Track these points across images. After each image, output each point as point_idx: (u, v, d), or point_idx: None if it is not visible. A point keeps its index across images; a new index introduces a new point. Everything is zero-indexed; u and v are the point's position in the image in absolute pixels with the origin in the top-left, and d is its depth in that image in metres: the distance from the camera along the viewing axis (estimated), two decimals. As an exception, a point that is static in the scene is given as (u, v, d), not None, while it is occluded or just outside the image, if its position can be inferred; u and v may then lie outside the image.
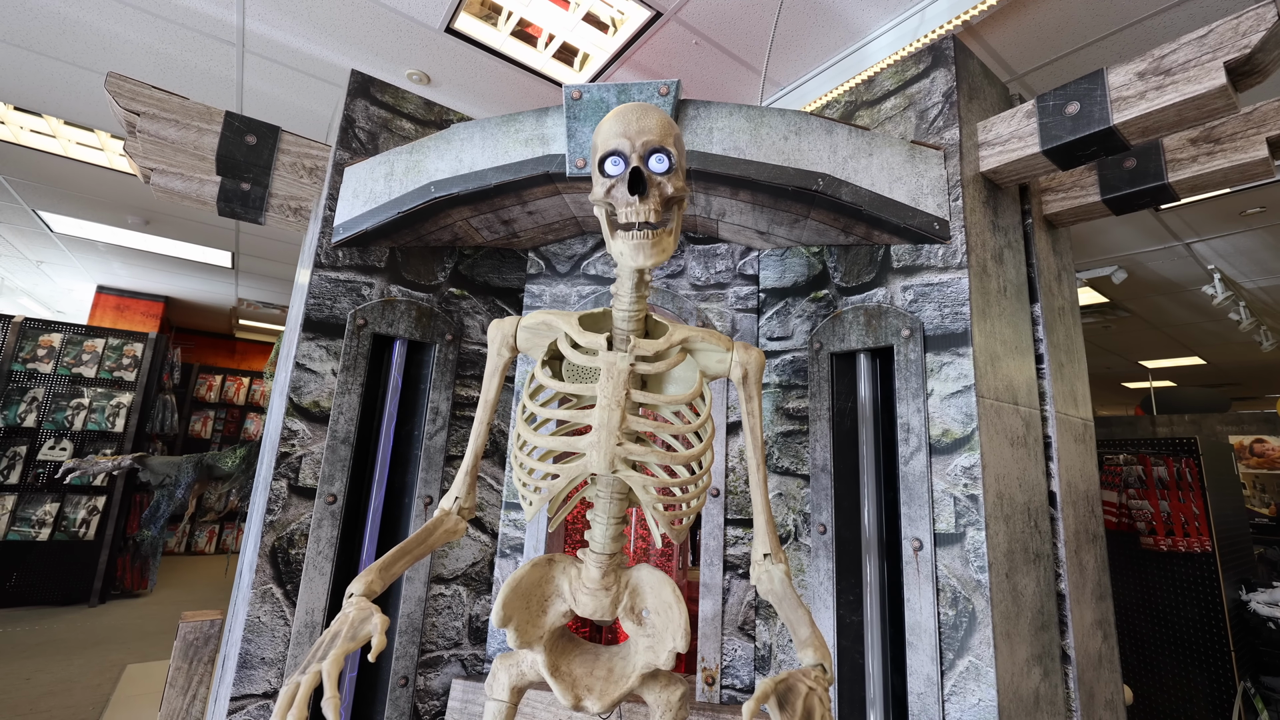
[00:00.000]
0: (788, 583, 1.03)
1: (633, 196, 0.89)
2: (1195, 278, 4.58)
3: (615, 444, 0.99)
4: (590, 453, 1.00)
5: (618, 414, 1.00)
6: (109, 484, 5.26)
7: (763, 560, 1.07)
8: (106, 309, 6.68)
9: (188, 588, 5.82)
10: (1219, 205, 3.48)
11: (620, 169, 0.91)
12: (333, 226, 1.51)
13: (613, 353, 1.02)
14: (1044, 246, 1.56)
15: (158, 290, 6.77)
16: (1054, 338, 1.50)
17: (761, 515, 1.09)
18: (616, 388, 1.00)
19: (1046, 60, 2.43)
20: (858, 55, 2.36)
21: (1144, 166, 1.42)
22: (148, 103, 1.49)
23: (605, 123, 0.94)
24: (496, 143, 1.42)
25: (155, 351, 5.71)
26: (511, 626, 1.07)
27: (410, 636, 1.47)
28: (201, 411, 7.60)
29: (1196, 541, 3.09)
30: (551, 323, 1.09)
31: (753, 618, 1.47)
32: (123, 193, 4.16)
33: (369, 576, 0.97)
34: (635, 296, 1.01)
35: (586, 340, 1.04)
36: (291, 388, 1.43)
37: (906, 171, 1.33)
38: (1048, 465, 1.41)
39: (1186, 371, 7.89)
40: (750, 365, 1.10)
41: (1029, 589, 1.27)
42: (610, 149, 0.92)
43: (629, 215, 0.90)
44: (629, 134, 0.91)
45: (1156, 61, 1.12)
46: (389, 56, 2.53)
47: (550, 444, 1.03)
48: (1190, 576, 3.11)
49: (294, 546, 1.39)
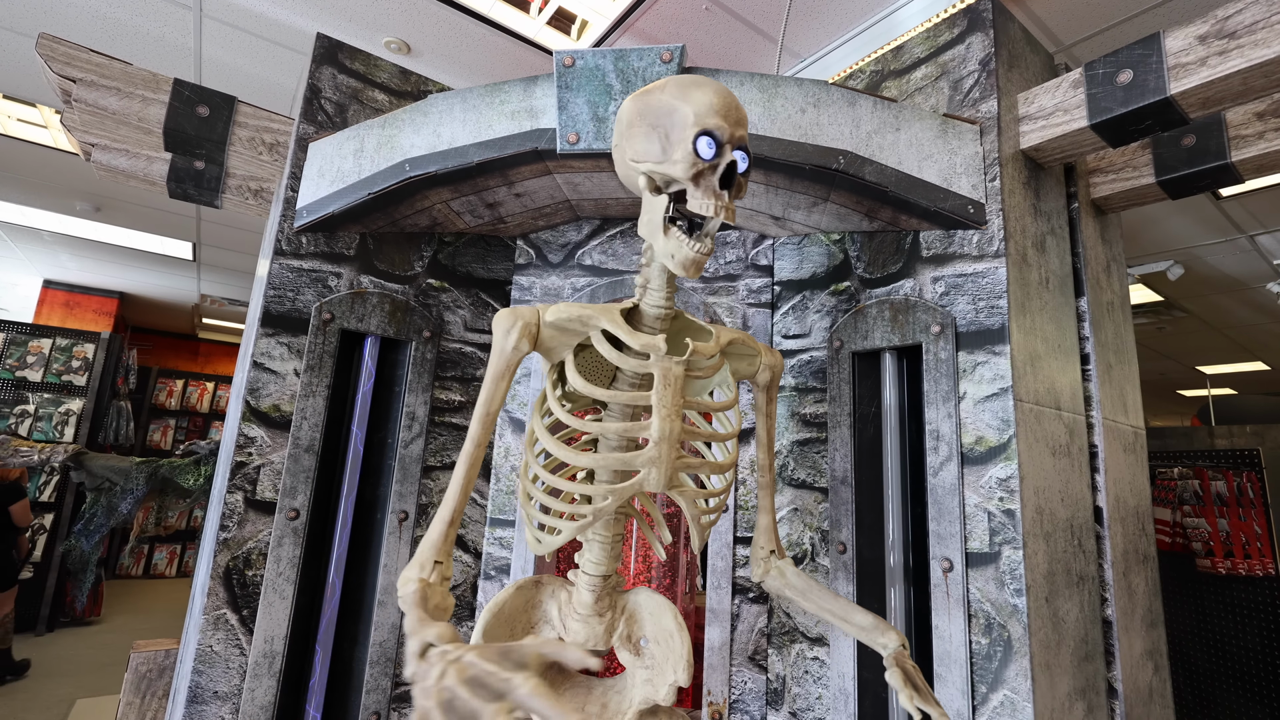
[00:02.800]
0: (804, 573, 1.09)
1: (723, 190, 0.90)
2: (1259, 274, 4.55)
3: (676, 457, 0.98)
4: (649, 469, 0.96)
5: (677, 424, 0.97)
6: (57, 499, 5.25)
7: (769, 557, 1.13)
8: (54, 306, 6.68)
9: (144, 614, 5.80)
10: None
11: (712, 154, 0.89)
12: (295, 209, 1.50)
13: (668, 356, 0.99)
14: (1091, 234, 1.54)
15: (111, 285, 6.77)
16: (1101, 336, 1.48)
17: (767, 515, 1.16)
18: (675, 395, 0.98)
19: (1097, 29, 2.40)
20: (886, 23, 2.35)
21: (1204, 144, 1.40)
22: (85, 68, 1.48)
23: (698, 91, 0.91)
24: (479, 115, 1.41)
25: (108, 353, 5.72)
26: None
27: (383, 668, 1.46)
28: (161, 420, 7.59)
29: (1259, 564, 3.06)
30: (587, 319, 1.00)
31: (764, 646, 1.45)
32: (70, 175, 4.16)
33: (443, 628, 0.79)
34: (669, 291, 1.01)
35: (640, 342, 0.98)
36: (249, 390, 1.41)
37: (938, 148, 1.31)
38: (1093, 478, 1.39)
39: (1248, 378, 7.84)
40: (776, 369, 1.17)
41: (1071, 615, 1.24)
42: (709, 127, 0.89)
43: (716, 210, 0.88)
44: (730, 119, 0.90)
45: (1220, 23, 1.10)
46: (365, 23, 2.52)
47: (604, 461, 0.97)
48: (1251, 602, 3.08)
49: (251, 567, 1.37)
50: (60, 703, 3.79)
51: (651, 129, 0.92)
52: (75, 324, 6.66)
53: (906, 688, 0.95)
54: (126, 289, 6.86)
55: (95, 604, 5.49)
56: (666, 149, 0.91)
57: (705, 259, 0.92)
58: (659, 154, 0.91)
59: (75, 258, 5.89)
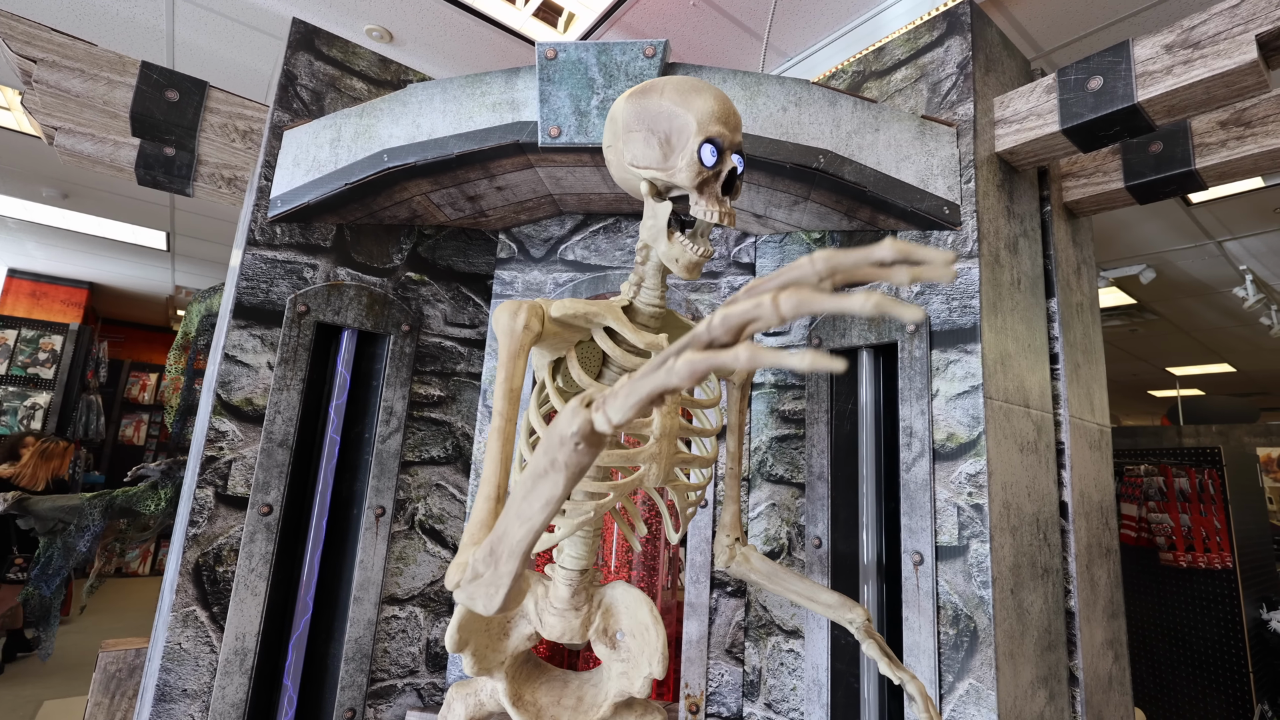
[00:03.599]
0: (768, 559, 1.14)
1: (725, 196, 0.93)
2: (1226, 279, 4.68)
3: (674, 453, 1.01)
4: (650, 466, 0.99)
5: (675, 422, 1.01)
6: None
7: (734, 544, 1.17)
8: (20, 296, 6.49)
9: (116, 613, 5.67)
10: (1252, 201, 3.55)
11: (714, 161, 0.91)
12: (269, 198, 1.48)
13: None
14: (1063, 237, 1.58)
15: (81, 275, 6.59)
16: (1070, 336, 1.52)
17: (734, 505, 1.21)
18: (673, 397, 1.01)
19: (1075, 36, 2.46)
20: (871, 24, 2.37)
21: (1170, 151, 1.44)
22: (46, 47, 1.44)
23: (698, 98, 0.91)
24: (460, 106, 1.40)
25: (77, 345, 5.58)
26: (468, 652, 1.06)
27: (358, 664, 1.45)
28: (133, 414, 7.43)
29: (1217, 557, 3.17)
30: (592, 316, 0.99)
31: (741, 639, 1.47)
32: (35, 160, 4.05)
33: None
34: (663, 290, 1.04)
35: (645, 340, 0.99)
36: (220, 383, 1.39)
37: (915, 149, 1.33)
38: (1060, 474, 1.42)
39: (1215, 379, 8.07)
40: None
41: (1036, 606, 1.28)
42: (712, 135, 0.90)
43: (720, 216, 0.92)
44: (730, 125, 0.92)
45: (1185, 33, 1.13)
46: (346, 9, 2.49)
47: (604, 459, 0.97)
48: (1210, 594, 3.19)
49: (222, 563, 1.35)
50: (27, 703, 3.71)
51: (651, 134, 0.93)
52: (42, 315, 6.47)
53: (884, 657, 1.02)
54: (97, 279, 6.68)
55: (65, 603, 5.36)
56: (669, 155, 0.92)
57: (706, 261, 0.95)
58: (660, 160, 0.93)
59: (42, 246, 5.74)
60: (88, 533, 3.28)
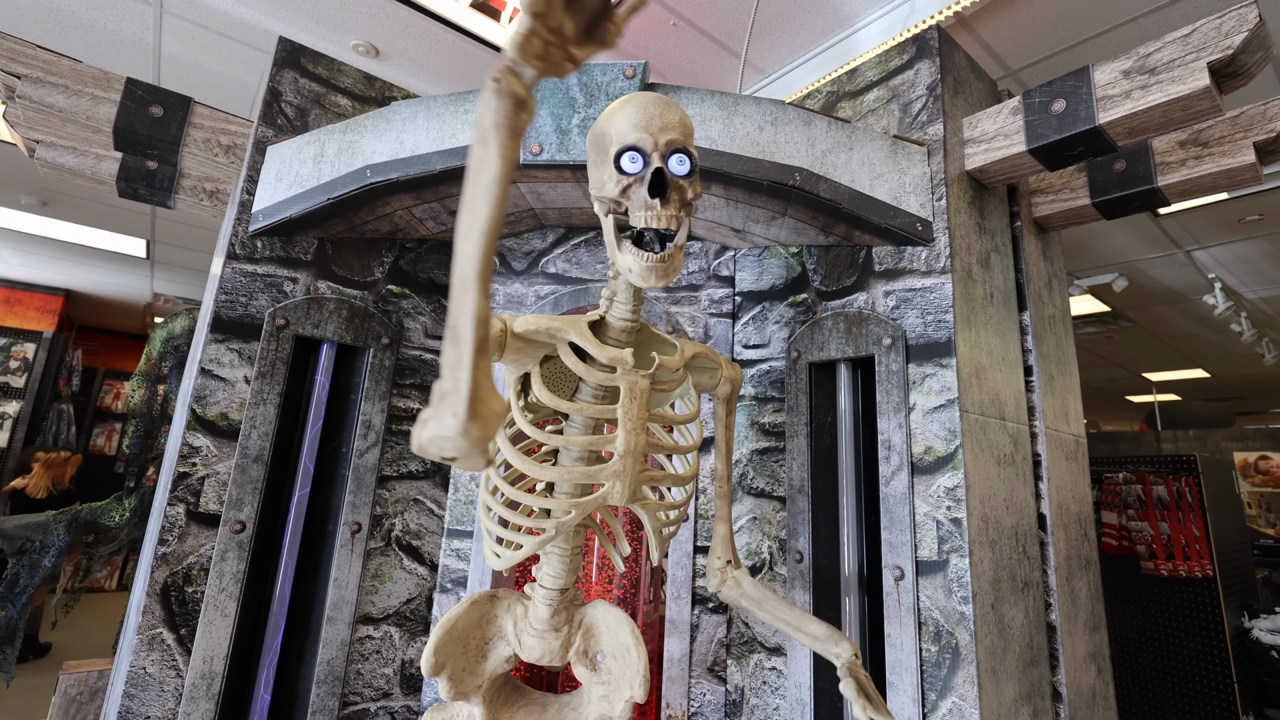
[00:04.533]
0: (760, 583, 1.10)
1: (654, 200, 0.89)
2: (1197, 287, 4.78)
3: (640, 470, 0.99)
4: (613, 483, 0.97)
5: (642, 438, 0.99)
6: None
7: (725, 567, 1.13)
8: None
9: (81, 630, 5.51)
10: (1217, 212, 3.64)
11: (639, 167, 0.90)
12: (250, 213, 1.47)
13: (637, 371, 1.00)
14: (1033, 251, 1.61)
15: (57, 282, 6.48)
16: (1044, 348, 1.54)
17: (724, 525, 1.17)
18: (640, 408, 0.99)
19: (1040, 57, 2.52)
20: (845, 44, 2.41)
21: (1134, 169, 1.48)
22: (30, 64, 1.43)
23: (621, 112, 0.93)
24: (443, 124, 1.40)
25: (50, 353, 5.48)
26: (445, 675, 1.04)
27: (330, 687, 1.41)
28: (106, 424, 7.30)
29: (1198, 565, 3.20)
30: (555, 331, 1.00)
31: (724, 657, 1.46)
32: (14, 169, 3.99)
33: None
34: (635, 305, 1.01)
35: (608, 355, 0.99)
36: (195, 397, 1.37)
37: (888, 168, 1.35)
38: (1037, 485, 1.44)
39: (1190, 384, 8.22)
40: (736, 381, 1.20)
41: (1017, 621, 1.29)
42: (630, 143, 0.90)
43: (647, 220, 0.89)
44: (652, 129, 0.90)
45: (1141, 60, 1.17)
46: (332, 24, 2.48)
47: (568, 475, 0.98)
48: (1191, 603, 3.22)
49: (191, 583, 1.31)
50: (-11, 725, 3.59)
51: (598, 157, 0.95)
52: (15, 322, 6.34)
53: (860, 698, 0.96)
54: (73, 286, 6.58)
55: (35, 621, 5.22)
56: (604, 172, 0.93)
57: (665, 266, 0.90)
58: (600, 179, 0.94)
59: (18, 253, 5.64)
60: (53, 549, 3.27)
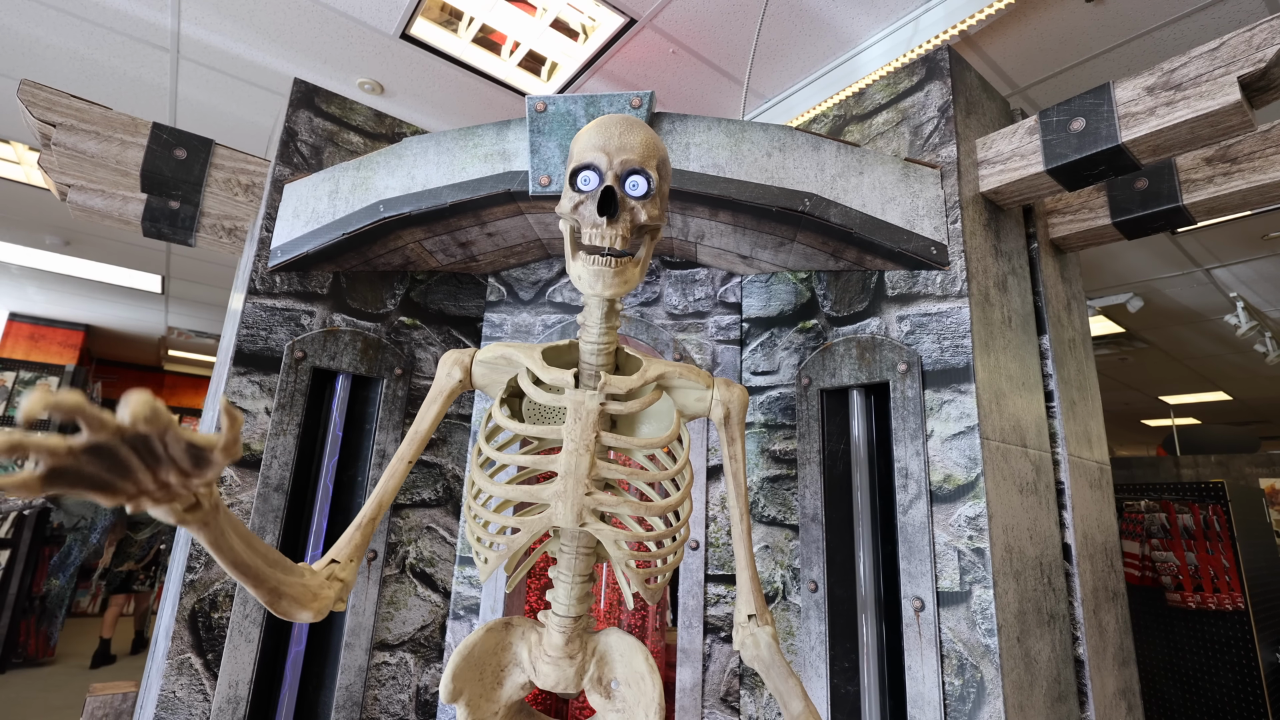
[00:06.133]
0: (776, 649, 1.00)
1: (600, 218, 0.90)
2: (1217, 306, 4.71)
3: (584, 493, 0.97)
4: (555, 503, 0.98)
5: (586, 459, 0.98)
6: (13, 536, 5.07)
7: (747, 623, 1.03)
8: (19, 338, 6.52)
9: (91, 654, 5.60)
10: (1240, 228, 3.59)
11: (592, 186, 0.92)
12: (269, 249, 1.50)
13: (580, 390, 1.01)
14: (1051, 273, 1.59)
15: (78, 318, 6.64)
16: (1064, 372, 1.52)
17: (745, 571, 1.06)
18: (585, 430, 0.99)
19: (1050, 73, 2.52)
20: (848, 66, 2.43)
21: (1156, 187, 1.45)
22: (65, 113, 1.48)
23: (584, 133, 0.95)
24: (453, 158, 1.42)
25: (73, 386, 5.58)
26: (462, 701, 1.05)
27: (349, 712, 1.42)
28: (125, 454, 7.42)
29: (1228, 598, 3.09)
30: (511, 356, 1.07)
31: (736, 687, 1.43)
32: (41, 210, 4.10)
33: None
34: (605, 327, 1.01)
35: (551, 376, 1.02)
36: (218, 429, 1.39)
37: (900, 191, 1.35)
38: (1061, 514, 1.40)
39: (1211, 408, 8.05)
40: (733, 404, 1.07)
41: (1043, 654, 1.25)
42: (585, 162, 0.93)
43: (593, 237, 0.91)
44: (608, 149, 0.92)
45: (1166, 75, 1.15)
46: (339, 64, 2.55)
47: (509, 493, 0.99)
48: (1222, 637, 3.09)
49: (217, 610, 1.34)
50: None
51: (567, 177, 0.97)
52: (40, 357, 6.49)
53: None
54: (93, 321, 6.73)
55: (49, 645, 5.28)
56: (564, 191, 0.96)
57: (611, 271, 0.92)
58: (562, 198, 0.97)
59: (42, 290, 5.78)
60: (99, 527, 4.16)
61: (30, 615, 5.21)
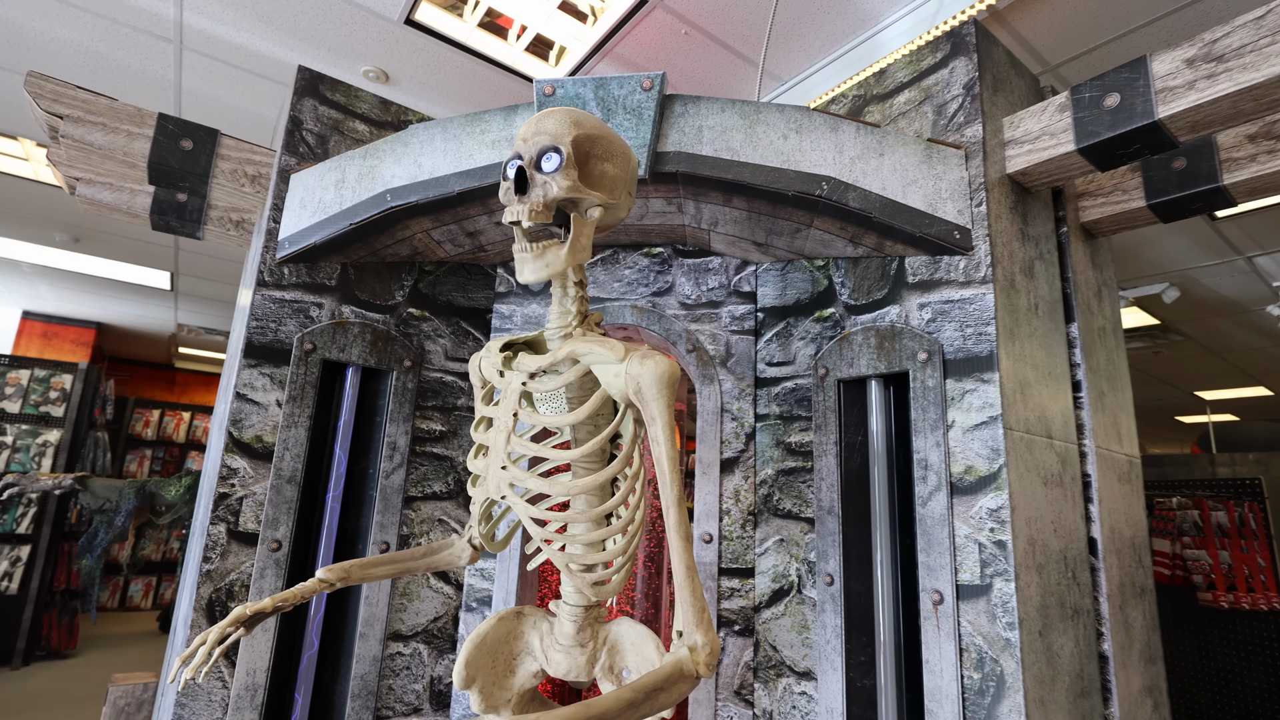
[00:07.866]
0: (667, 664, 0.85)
1: (514, 196, 0.97)
2: (1258, 296, 4.60)
3: (499, 467, 1.04)
4: (485, 477, 1.06)
5: (503, 436, 1.04)
6: (34, 531, 5.21)
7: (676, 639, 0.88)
8: (33, 337, 6.68)
9: (120, 647, 5.77)
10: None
11: (515, 171, 0.98)
12: (277, 240, 1.52)
13: (511, 372, 1.07)
14: (1081, 259, 1.57)
15: (89, 315, 6.78)
16: (1093, 362, 1.50)
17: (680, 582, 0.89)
18: (506, 408, 1.06)
19: (1084, 49, 2.46)
20: (868, 45, 2.40)
21: (1195, 167, 1.42)
22: (72, 104, 1.51)
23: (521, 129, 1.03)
24: (460, 145, 1.43)
25: (86, 384, 5.70)
26: (475, 688, 1.08)
27: (364, 701, 1.45)
28: (137, 450, 7.57)
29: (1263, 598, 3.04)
30: (491, 348, 1.15)
31: (750, 681, 1.44)
32: (50, 207, 4.19)
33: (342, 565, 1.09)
34: (560, 310, 1.07)
35: (491, 360, 1.11)
36: (231, 421, 1.42)
37: (922, 173, 1.34)
38: (1087, 508, 1.39)
39: (1250, 403, 7.88)
40: (644, 379, 0.92)
41: (1066, 649, 1.24)
42: (513, 154, 1.00)
43: (507, 215, 0.99)
44: (526, 136, 1.00)
45: (1207, 47, 1.12)
46: (343, 52, 2.57)
47: (471, 466, 1.11)
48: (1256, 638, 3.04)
49: (234, 599, 1.38)
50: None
51: None
52: (53, 355, 6.65)
53: None
54: (104, 319, 6.88)
55: (71, 636, 5.43)
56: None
57: (528, 256, 0.98)
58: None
59: (54, 289, 5.91)
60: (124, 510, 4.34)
61: (52, 609, 5.35)
